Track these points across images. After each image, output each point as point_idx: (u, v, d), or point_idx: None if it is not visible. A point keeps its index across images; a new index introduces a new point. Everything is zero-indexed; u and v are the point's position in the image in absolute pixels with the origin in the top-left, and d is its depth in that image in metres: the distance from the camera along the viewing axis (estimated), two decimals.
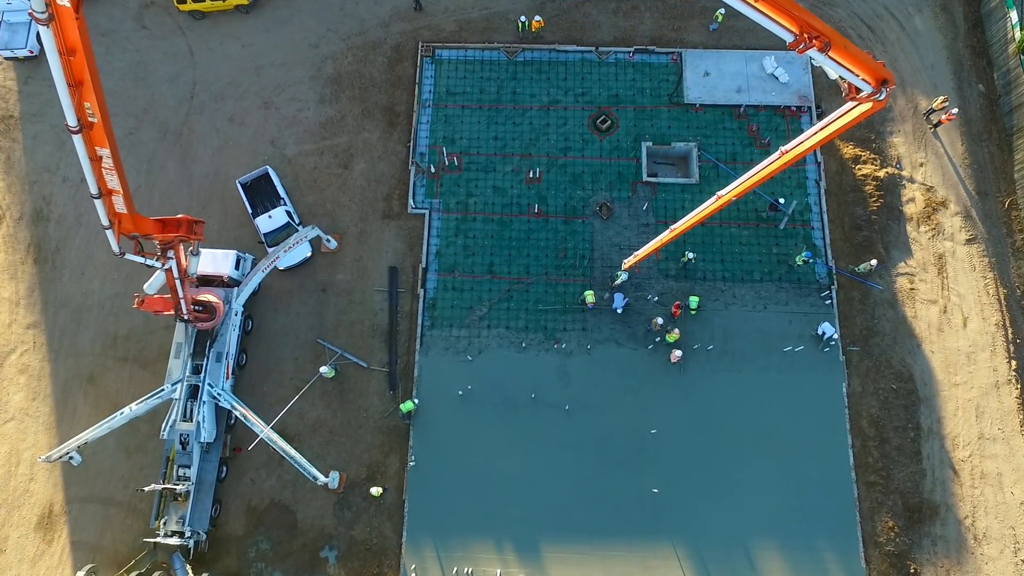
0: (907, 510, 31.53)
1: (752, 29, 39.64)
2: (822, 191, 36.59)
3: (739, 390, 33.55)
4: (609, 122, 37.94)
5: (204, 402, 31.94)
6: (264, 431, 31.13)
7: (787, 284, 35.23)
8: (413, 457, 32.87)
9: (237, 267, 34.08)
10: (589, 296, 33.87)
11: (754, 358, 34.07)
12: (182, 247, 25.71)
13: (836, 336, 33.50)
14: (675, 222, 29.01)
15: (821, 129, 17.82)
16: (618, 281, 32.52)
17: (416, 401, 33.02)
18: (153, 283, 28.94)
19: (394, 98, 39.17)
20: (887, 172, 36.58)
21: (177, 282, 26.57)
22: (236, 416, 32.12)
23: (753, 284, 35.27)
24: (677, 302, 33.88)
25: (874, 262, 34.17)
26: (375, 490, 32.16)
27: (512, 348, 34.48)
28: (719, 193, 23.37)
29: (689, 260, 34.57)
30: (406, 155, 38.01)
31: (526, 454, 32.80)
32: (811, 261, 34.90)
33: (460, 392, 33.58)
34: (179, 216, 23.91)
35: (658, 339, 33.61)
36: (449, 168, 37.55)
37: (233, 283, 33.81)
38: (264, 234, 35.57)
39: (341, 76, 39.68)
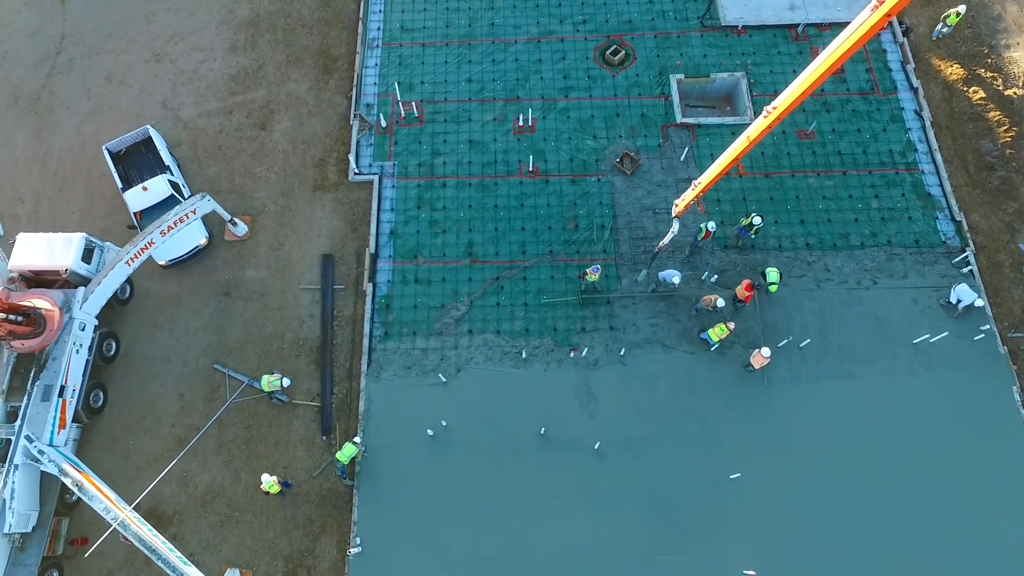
0: None
1: None
2: (927, 124, 26.22)
3: (856, 405, 21.94)
4: (623, 52, 27.83)
5: (16, 467, 19.87)
6: (119, 515, 18.94)
7: (901, 249, 24.26)
8: (358, 539, 20.64)
9: (87, 259, 22.76)
10: (592, 275, 22.62)
11: (871, 356, 22.64)
12: None
13: (975, 304, 22.23)
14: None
15: None
16: (668, 237, 21.24)
17: (361, 445, 21.06)
18: None
19: (330, 39, 29.05)
20: (1016, 93, 26.38)
21: None
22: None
23: (851, 252, 24.28)
24: (748, 280, 22.62)
25: None
26: None
27: (507, 361, 22.90)
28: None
29: (754, 227, 23.44)
30: (347, 108, 27.54)
31: (536, 523, 20.71)
32: None
33: (430, 432, 21.74)
34: None
35: (710, 329, 22.12)
36: (407, 120, 27.01)
37: (81, 282, 22.38)
38: (136, 214, 24.44)
39: (260, 18, 29.65)
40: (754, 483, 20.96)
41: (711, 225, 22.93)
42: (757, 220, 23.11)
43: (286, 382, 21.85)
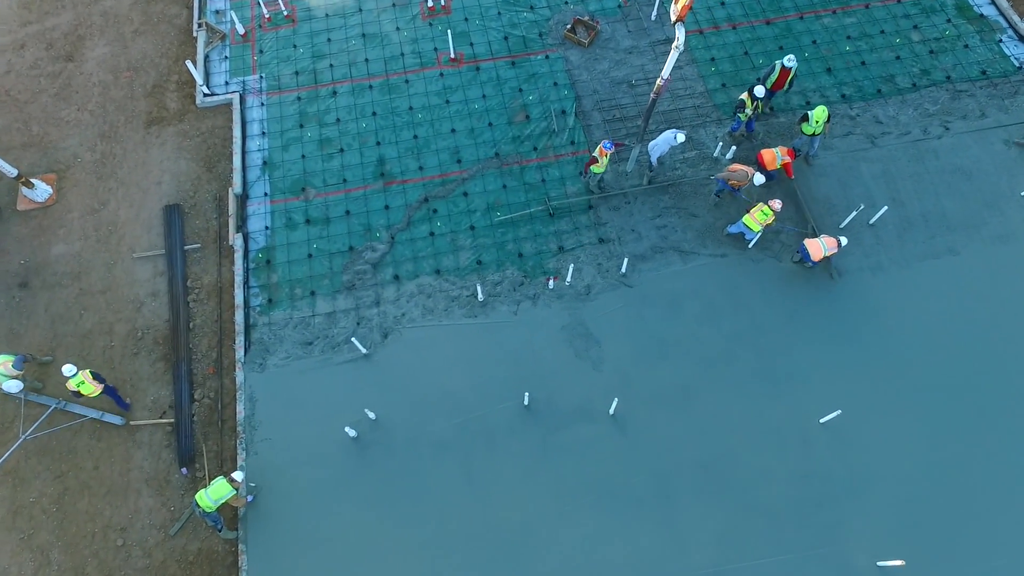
0: None
1: None
2: None
3: (967, 290, 15.11)
4: None
5: None
6: None
7: (966, 84, 17.88)
8: None
9: None
10: (604, 155, 15.30)
11: (971, 221, 15.95)
12: None
13: None
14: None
15: None
16: (671, 62, 13.78)
17: (249, 495, 12.97)
18: None
19: None
20: None
21: None
22: None
23: (903, 96, 17.76)
24: (787, 147, 15.73)
25: None
26: None
27: (456, 310, 15.23)
28: None
29: (757, 101, 16.08)
30: (188, 19, 19.88)
31: (537, 546, 12.86)
32: None
33: (352, 432, 13.73)
34: None
35: (746, 216, 14.96)
36: (273, 22, 19.54)
37: None
38: None
39: None
40: (856, 423, 13.67)
41: (788, 61, 15.91)
42: (760, 91, 15.83)
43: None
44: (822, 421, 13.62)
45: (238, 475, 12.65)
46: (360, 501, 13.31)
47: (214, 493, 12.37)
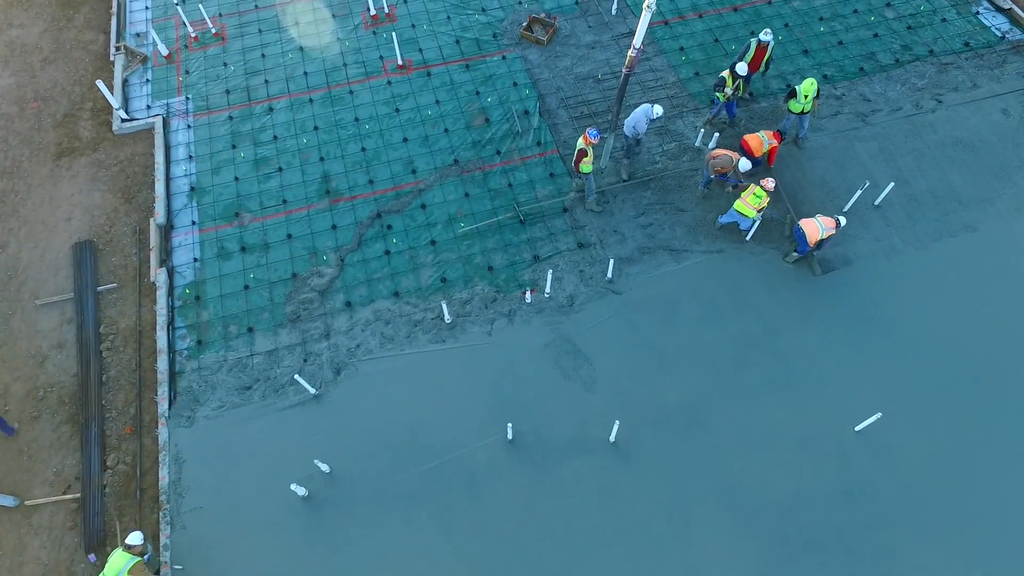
0: None
1: None
2: None
3: (992, 268, 13.50)
4: None
5: None
6: None
7: (951, 56, 16.78)
8: None
9: None
10: (586, 165, 13.52)
11: (983, 194, 14.51)
12: None
13: None
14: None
15: None
16: (647, 19, 12.09)
17: (140, 545, 10.51)
18: None
19: None
20: None
21: None
22: None
23: (888, 72, 16.55)
24: (772, 131, 14.22)
25: None
26: None
27: (421, 335, 13.04)
28: None
29: (738, 80, 14.76)
30: (105, 44, 18.01)
31: None
32: None
33: (301, 490, 11.25)
34: None
35: (738, 202, 13.28)
36: (201, 42, 17.74)
37: None
38: None
39: None
40: (898, 427, 11.69)
41: (765, 35, 14.48)
42: (742, 68, 14.50)
43: None
44: (858, 429, 11.63)
45: (134, 538, 10.19)
46: (315, 574, 10.77)
47: (114, 564, 9.87)
